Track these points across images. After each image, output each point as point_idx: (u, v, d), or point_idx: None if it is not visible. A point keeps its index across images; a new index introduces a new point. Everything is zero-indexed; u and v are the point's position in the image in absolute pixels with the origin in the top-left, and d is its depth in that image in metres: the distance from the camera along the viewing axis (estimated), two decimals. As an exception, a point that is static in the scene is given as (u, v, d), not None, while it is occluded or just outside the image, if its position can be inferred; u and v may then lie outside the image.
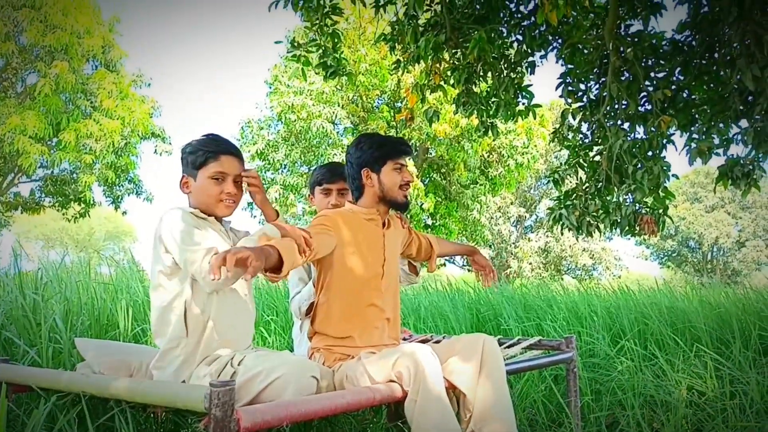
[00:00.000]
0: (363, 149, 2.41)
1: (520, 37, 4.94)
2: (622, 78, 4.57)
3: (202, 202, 2.13)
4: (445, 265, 27.92)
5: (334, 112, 16.35)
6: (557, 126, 5.08)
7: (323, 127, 15.94)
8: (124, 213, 18.10)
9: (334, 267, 2.33)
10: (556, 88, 4.95)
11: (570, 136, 5.02)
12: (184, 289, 2.01)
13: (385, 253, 2.42)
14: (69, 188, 16.75)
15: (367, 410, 2.63)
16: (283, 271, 1.90)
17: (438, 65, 4.89)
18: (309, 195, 3.05)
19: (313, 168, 17.13)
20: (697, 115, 4.58)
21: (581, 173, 4.95)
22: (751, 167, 4.07)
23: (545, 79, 5.66)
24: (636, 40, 4.57)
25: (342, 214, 2.37)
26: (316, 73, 5.56)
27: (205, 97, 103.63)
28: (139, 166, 17.21)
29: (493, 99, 5.01)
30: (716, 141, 4.30)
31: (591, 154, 4.92)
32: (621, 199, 4.52)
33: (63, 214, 17.69)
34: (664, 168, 4.21)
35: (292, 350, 3.13)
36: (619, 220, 4.44)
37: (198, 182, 2.12)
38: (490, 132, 5.15)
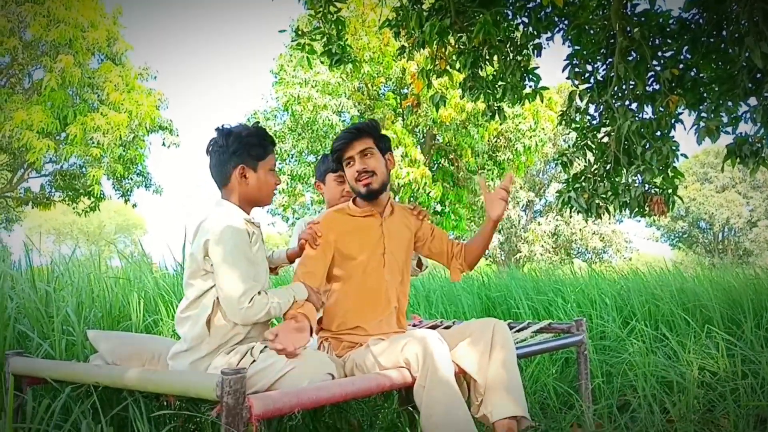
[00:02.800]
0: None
1: (525, 20, 4.89)
2: (629, 58, 4.52)
3: (257, 193, 2.18)
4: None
5: (340, 103, 16.31)
6: (564, 108, 5.04)
7: (329, 119, 15.91)
8: (134, 205, 18.18)
9: (336, 267, 2.38)
10: (563, 70, 4.91)
11: (578, 118, 4.99)
12: (211, 290, 2.02)
13: (384, 242, 2.41)
14: (78, 182, 16.84)
15: (377, 396, 2.64)
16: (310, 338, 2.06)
17: (443, 50, 4.86)
18: (317, 183, 3.01)
19: (320, 156, 17.11)
20: (705, 94, 4.54)
21: (589, 155, 4.92)
22: (759, 145, 4.04)
23: (552, 62, 5.62)
24: (643, 19, 4.51)
25: (335, 218, 2.40)
26: (321, 62, 5.54)
27: (211, 87, 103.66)
28: (148, 159, 17.26)
29: (499, 83, 4.98)
30: (725, 120, 4.26)
31: (599, 135, 4.89)
32: (630, 180, 4.49)
33: (73, 209, 17.78)
34: (673, 148, 4.18)
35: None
36: (628, 202, 4.41)
37: (258, 174, 2.16)
38: (497, 116, 5.12)
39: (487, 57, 4.86)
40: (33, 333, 2.58)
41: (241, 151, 2.14)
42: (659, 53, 4.64)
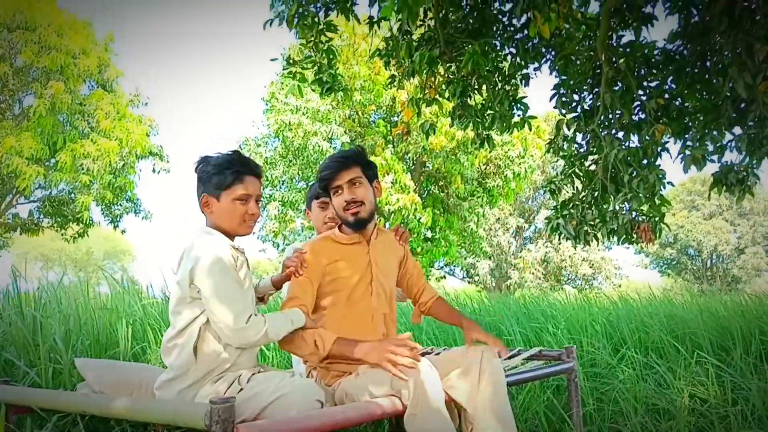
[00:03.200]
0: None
1: (513, 50, 4.97)
2: (616, 88, 4.60)
3: (224, 222, 2.12)
4: (445, 277, 27.91)
5: (330, 130, 16.42)
6: (552, 137, 5.10)
7: (319, 145, 16.00)
8: (123, 232, 18.10)
9: (323, 295, 2.36)
10: (550, 99, 4.98)
11: (565, 147, 5.04)
12: (199, 317, 2.00)
13: (372, 270, 2.41)
14: (67, 208, 16.76)
15: (368, 425, 2.63)
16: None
17: (433, 79, 4.92)
18: (306, 210, 3.06)
19: (310, 183, 17.17)
20: (690, 123, 4.61)
21: (577, 183, 4.96)
22: (745, 174, 4.09)
23: (540, 92, 5.70)
24: (628, 50, 4.60)
25: (324, 245, 2.38)
26: (312, 90, 5.59)
27: (203, 114, 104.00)
28: (138, 185, 17.24)
29: (488, 111, 5.04)
30: (710, 148, 4.32)
31: (586, 163, 4.94)
32: (617, 207, 4.53)
33: (62, 235, 17.68)
34: (659, 176, 4.23)
35: (291, 365, 3.13)
36: (615, 229, 4.45)
37: (222, 203, 2.11)
38: (486, 144, 5.17)
39: (476, 86, 4.93)
40: (20, 361, 2.55)
41: (204, 179, 2.13)
42: (645, 83, 4.72)
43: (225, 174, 2.10)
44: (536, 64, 5.05)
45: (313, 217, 2.96)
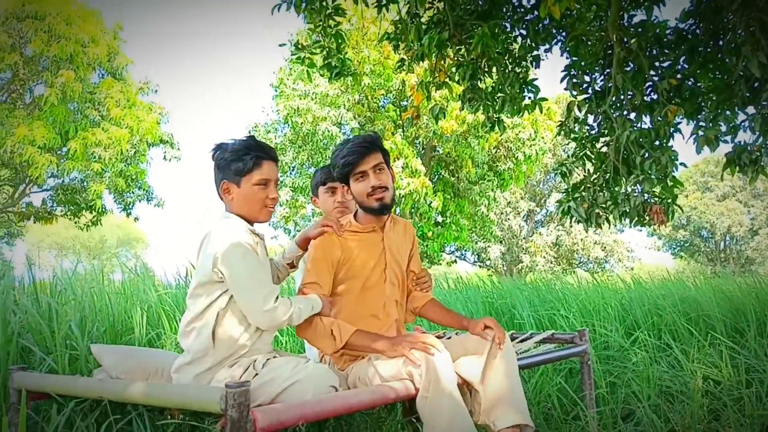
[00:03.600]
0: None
1: (523, 32, 4.93)
2: (627, 68, 4.55)
3: (245, 208, 2.13)
4: (456, 262, 27.91)
5: (339, 115, 16.39)
6: (563, 119, 5.07)
7: (329, 131, 15.98)
8: (136, 219, 18.19)
9: (339, 283, 2.36)
10: (561, 81, 4.94)
11: (576, 129, 5.01)
12: (217, 301, 2.02)
13: (386, 258, 2.41)
14: (80, 197, 16.87)
15: (381, 408, 2.64)
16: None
17: (442, 62, 4.89)
18: (312, 198, 3.04)
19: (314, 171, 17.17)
20: (703, 104, 4.57)
21: (589, 165, 4.94)
22: (758, 154, 4.05)
23: (551, 73, 5.65)
24: (640, 30, 4.55)
25: (334, 239, 2.36)
26: (321, 75, 5.57)
27: (212, 101, 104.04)
28: (149, 173, 17.31)
29: (498, 94, 5.01)
30: (723, 128, 4.28)
31: (598, 145, 4.91)
32: (629, 189, 4.50)
33: (75, 223, 17.81)
34: (672, 157, 4.20)
35: (304, 350, 3.15)
36: (628, 211, 4.43)
37: (242, 189, 2.12)
38: (496, 127, 5.14)
39: (486, 69, 4.90)
40: (36, 348, 2.59)
41: (223, 166, 2.14)
42: (657, 63, 4.67)
43: (244, 160, 2.10)
44: (547, 46, 5.02)
45: (320, 203, 2.95)
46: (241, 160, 2.10)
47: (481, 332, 2.22)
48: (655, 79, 4.47)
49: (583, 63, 4.85)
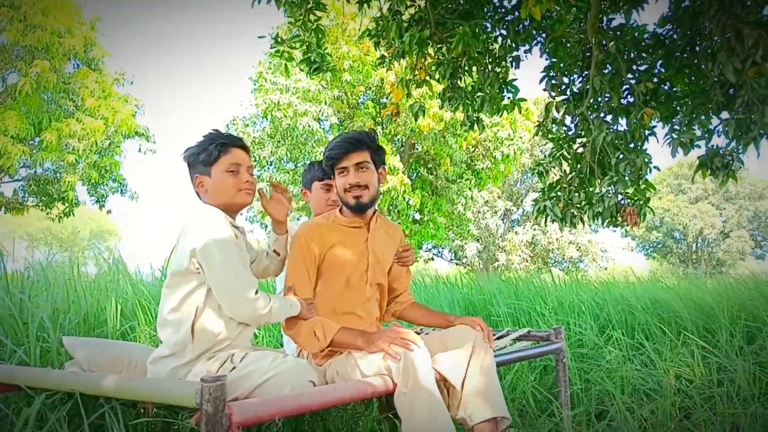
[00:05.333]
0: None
1: (504, 32, 4.95)
2: (605, 71, 4.60)
3: (221, 196, 2.12)
4: (433, 259, 28.01)
5: (320, 110, 16.32)
6: (541, 119, 5.11)
7: (309, 126, 15.91)
8: (109, 212, 17.93)
9: (320, 276, 2.36)
10: (540, 82, 4.97)
11: (554, 129, 5.05)
12: (195, 294, 2.00)
13: (368, 258, 2.41)
14: (52, 188, 16.57)
15: (358, 403, 2.64)
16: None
17: (423, 60, 4.90)
18: (303, 191, 3.00)
19: (307, 162, 17.10)
20: (678, 108, 4.63)
21: (565, 165, 4.98)
22: (730, 158, 4.12)
23: (530, 74, 5.69)
24: (618, 33, 4.60)
25: (319, 229, 2.37)
26: (300, 70, 5.54)
27: (189, 94, 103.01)
28: (123, 165, 17.07)
29: (478, 93, 5.03)
30: (698, 133, 4.35)
31: (574, 146, 4.96)
32: (604, 190, 4.56)
33: (47, 214, 17.49)
34: (646, 160, 4.26)
35: (281, 345, 3.14)
36: (601, 212, 4.48)
37: (213, 179, 2.12)
38: (475, 126, 5.17)
39: (466, 68, 4.91)
40: (7, 339, 2.54)
41: (192, 161, 2.17)
42: (634, 67, 4.73)
43: (209, 150, 2.13)
44: (527, 47, 5.04)
45: (312, 199, 2.91)
46: (206, 150, 2.13)
47: (471, 321, 2.24)
48: (632, 82, 4.52)
49: (562, 65, 4.89)
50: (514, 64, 5.07)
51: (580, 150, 4.84)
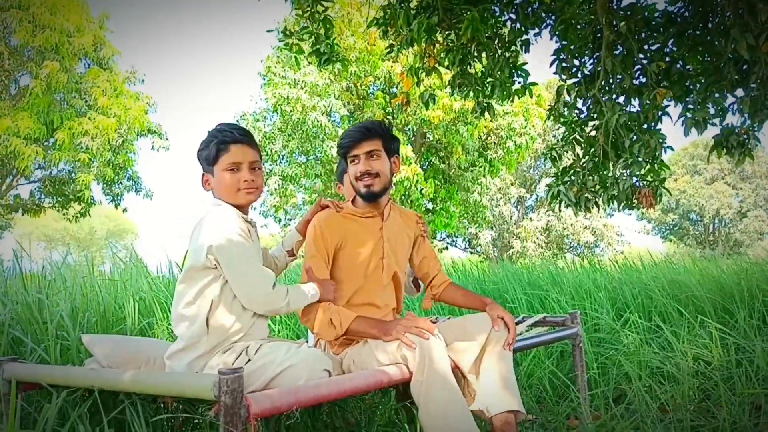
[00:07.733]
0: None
1: (513, 16, 4.91)
2: (616, 52, 4.54)
3: (223, 195, 2.13)
4: (447, 248, 27.98)
5: (329, 104, 16.30)
6: (553, 104, 5.06)
7: (318, 120, 15.90)
8: (125, 210, 18.07)
9: (338, 268, 2.37)
10: (551, 65, 4.92)
11: (566, 113, 5.01)
12: (210, 288, 2.01)
13: (384, 246, 2.41)
14: (68, 188, 16.74)
15: (375, 393, 2.65)
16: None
17: (432, 48, 4.86)
18: (337, 184, 3.04)
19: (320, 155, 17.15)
20: (692, 86, 4.56)
21: (578, 149, 4.94)
22: (745, 136, 4.07)
23: (540, 58, 5.64)
24: (629, 13, 4.53)
25: (331, 218, 2.37)
26: (309, 62, 5.52)
27: (200, 90, 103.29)
28: (137, 163, 17.18)
29: (488, 79, 4.99)
30: (712, 111, 4.29)
31: (587, 129, 4.91)
32: (618, 173, 4.51)
33: (63, 215, 17.67)
34: (660, 141, 4.21)
35: (299, 337, 3.15)
36: (616, 195, 4.44)
37: (216, 177, 2.13)
38: (486, 113, 5.13)
39: (476, 54, 4.87)
40: (27, 338, 2.57)
41: (199, 160, 2.19)
42: (646, 46, 4.66)
43: (209, 148, 2.13)
44: (536, 30, 4.99)
45: (345, 191, 2.95)
46: (207, 149, 2.14)
47: (495, 318, 2.22)
48: (644, 62, 4.46)
49: (572, 47, 4.83)
50: (523, 48, 5.02)
51: (593, 133, 4.80)
